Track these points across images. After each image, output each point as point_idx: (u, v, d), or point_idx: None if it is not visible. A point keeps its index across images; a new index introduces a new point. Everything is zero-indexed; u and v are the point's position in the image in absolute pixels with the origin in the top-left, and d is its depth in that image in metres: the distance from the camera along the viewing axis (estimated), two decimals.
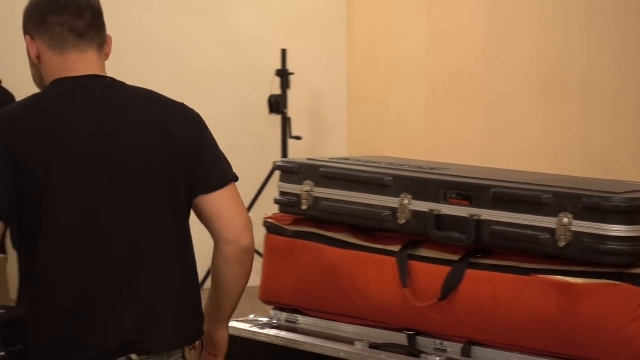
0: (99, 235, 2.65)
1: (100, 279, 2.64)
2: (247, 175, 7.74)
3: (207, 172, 2.84)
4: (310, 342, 3.11)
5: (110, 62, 7.55)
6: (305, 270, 3.23)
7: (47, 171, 2.59)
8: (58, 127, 2.66)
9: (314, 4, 8.11)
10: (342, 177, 3.15)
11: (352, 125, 8.22)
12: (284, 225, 3.31)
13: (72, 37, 2.70)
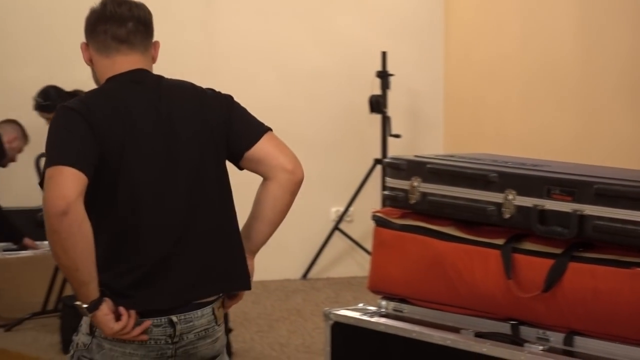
0: (161, 204, 2.92)
1: (159, 242, 2.89)
2: (349, 171, 7.84)
3: (243, 132, 3.04)
4: (418, 330, 3.11)
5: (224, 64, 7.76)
6: (412, 262, 3.22)
7: (122, 152, 2.88)
8: (126, 114, 2.93)
9: (413, 9, 8.10)
10: (449, 173, 3.15)
11: (449, 124, 8.19)
12: (392, 219, 3.31)
13: (115, 43, 2.96)
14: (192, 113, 3.03)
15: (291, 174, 3.08)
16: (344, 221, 7.94)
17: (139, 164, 2.93)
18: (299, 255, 7.97)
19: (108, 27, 2.97)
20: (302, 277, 7.96)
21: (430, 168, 3.19)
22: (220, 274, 3.00)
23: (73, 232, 2.75)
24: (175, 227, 2.94)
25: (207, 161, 3.01)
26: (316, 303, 7.14)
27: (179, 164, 2.97)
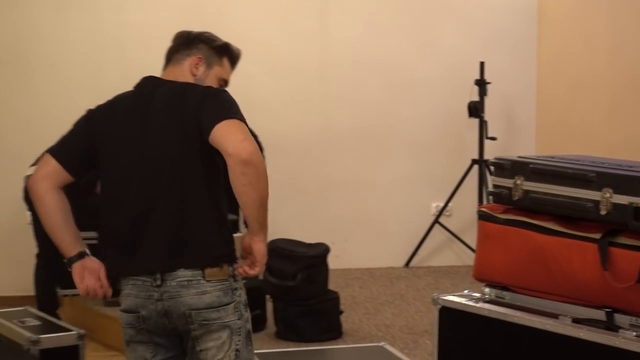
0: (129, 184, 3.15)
1: (128, 217, 3.14)
2: (448, 170, 7.84)
3: (207, 118, 3.05)
4: (519, 316, 3.10)
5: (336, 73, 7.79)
6: (514, 253, 3.21)
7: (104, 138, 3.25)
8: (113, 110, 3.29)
9: (508, 22, 8.04)
10: (550, 172, 3.12)
11: (540, 128, 8.12)
12: (496, 214, 3.30)
13: (165, 62, 3.40)
14: (168, 106, 3.16)
15: (234, 157, 2.98)
16: (443, 215, 7.93)
17: (112, 157, 3.22)
18: (402, 246, 7.96)
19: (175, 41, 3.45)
20: (405, 266, 7.95)
21: (533, 168, 3.17)
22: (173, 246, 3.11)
23: (35, 206, 3.26)
24: (140, 205, 3.14)
25: (175, 149, 3.11)
26: (417, 289, 7.14)
27: (147, 152, 3.14)
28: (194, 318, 3.05)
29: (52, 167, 3.23)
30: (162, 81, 3.29)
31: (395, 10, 7.88)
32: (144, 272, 3.08)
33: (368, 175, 7.92)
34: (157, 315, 3.08)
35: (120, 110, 3.28)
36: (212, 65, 3.33)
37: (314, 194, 7.81)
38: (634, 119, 6.70)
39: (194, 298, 3.05)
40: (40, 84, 7.35)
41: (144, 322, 3.12)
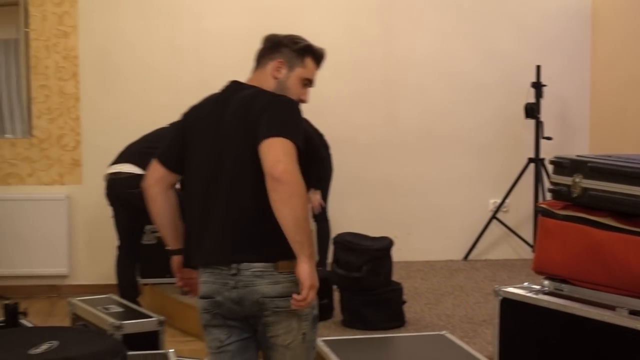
0: (203, 183, 3.24)
1: (203, 211, 3.22)
2: (505, 168, 7.79)
3: (261, 129, 3.06)
4: (577, 307, 3.07)
5: (400, 76, 7.84)
6: (572, 248, 3.18)
7: (191, 139, 3.31)
8: (202, 112, 3.35)
9: (563, 27, 7.96)
10: (608, 171, 3.08)
11: (594, 128, 8.03)
12: (555, 210, 3.27)
13: (255, 60, 3.41)
14: (236, 113, 3.20)
15: (268, 175, 3.00)
16: (500, 211, 7.85)
17: (191, 155, 3.31)
18: (461, 240, 7.92)
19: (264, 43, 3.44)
20: (464, 259, 7.90)
21: (591, 166, 3.14)
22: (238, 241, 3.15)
23: (148, 204, 3.38)
24: (210, 200, 3.21)
25: (239, 152, 3.15)
26: (476, 281, 7.09)
27: (217, 154, 3.21)
28: (267, 305, 3.09)
29: (160, 173, 3.36)
30: (244, 86, 3.32)
31: (456, 17, 7.84)
32: (221, 262, 3.14)
33: (429, 172, 7.90)
34: (231, 302, 3.14)
35: (204, 112, 3.34)
36: (294, 67, 3.31)
37: (378, 190, 7.81)
38: None
39: (267, 287, 3.08)
40: (125, 87, 7.44)
41: (219, 307, 3.18)
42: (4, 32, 7.57)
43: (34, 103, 7.40)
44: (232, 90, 3.31)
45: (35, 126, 7.42)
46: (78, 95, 7.42)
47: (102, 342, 4.10)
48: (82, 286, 7.34)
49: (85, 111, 7.44)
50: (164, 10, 7.46)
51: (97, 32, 7.42)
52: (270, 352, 3.21)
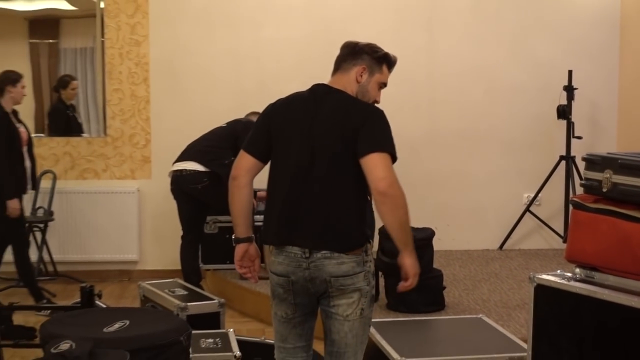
0: (289, 177, 3.32)
1: (287, 198, 3.32)
2: (539, 165, 7.71)
3: (364, 142, 3.21)
4: (607, 293, 3.01)
5: (442, 80, 7.82)
6: (603, 238, 3.12)
7: (279, 134, 3.37)
8: (291, 110, 3.42)
9: (594, 34, 7.87)
10: (637, 167, 3.02)
11: (621, 129, 7.93)
12: (587, 204, 3.21)
13: (334, 68, 3.48)
14: (332, 116, 3.30)
15: (374, 190, 3.20)
16: (534, 205, 7.79)
17: (280, 148, 3.37)
18: (497, 231, 7.86)
19: (344, 50, 3.49)
20: (499, 248, 7.84)
21: (621, 162, 3.08)
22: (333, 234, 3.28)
23: (234, 192, 3.40)
24: (297, 197, 3.30)
25: (332, 152, 3.27)
26: (510, 269, 7.03)
27: (309, 151, 3.29)
28: (333, 283, 3.24)
29: (250, 163, 3.41)
30: (332, 89, 3.40)
31: (493, 24, 7.77)
32: (298, 246, 3.27)
33: (468, 169, 7.85)
34: (304, 280, 3.28)
35: (294, 108, 3.42)
36: (374, 73, 3.43)
37: (421, 185, 7.76)
38: None
39: (334, 267, 3.23)
40: (190, 90, 7.48)
41: (292, 285, 3.31)
42: (82, 41, 7.64)
43: (109, 105, 7.47)
44: (322, 92, 3.40)
45: (110, 126, 7.49)
46: (148, 98, 7.48)
47: (169, 322, 4.12)
48: (150, 271, 7.39)
49: (154, 112, 7.50)
50: (226, 21, 7.49)
51: (165, 41, 7.46)
52: (331, 321, 3.35)
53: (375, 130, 3.29)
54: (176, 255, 6.61)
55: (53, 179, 7.35)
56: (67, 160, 7.46)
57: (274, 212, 3.38)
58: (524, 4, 7.77)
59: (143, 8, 7.41)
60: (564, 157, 7.56)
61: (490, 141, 7.85)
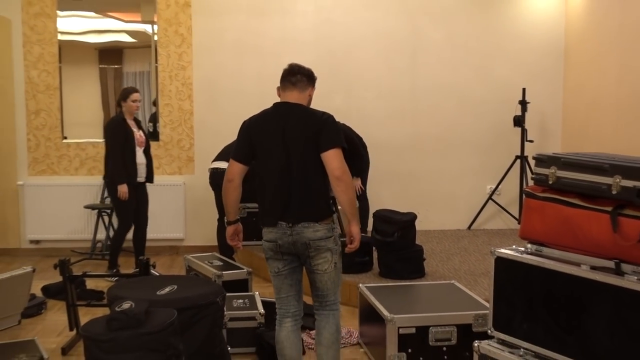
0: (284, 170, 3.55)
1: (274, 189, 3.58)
2: (499, 162, 7.70)
3: (323, 141, 3.53)
4: (552, 264, 3.00)
5: (423, 97, 7.67)
6: (549, 220, 3.10)
7: (259, 144, 3.61)
8: (267, 121, 3.63)
9: (543, 59, 7.85)
10: (576, 164, 3.01)
11: (565, 134, 7.90)
12: (537, 193, 3.20)
13: (289, 85, 3.67)
14: (297, 124, 3.56)
15: (330, 175, 3.52)
16: (495, 194, 7.79)
17: (264, 152, 3.61)
18: (466, 214, 7.86)
19: (289, 77, 3.68)
20: (468, 228, 7.83)
21: (564, 161, 3.06)
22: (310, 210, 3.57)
23: (230, 191, 3.67)
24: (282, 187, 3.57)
25: (302, 151, 3.54)
26: (476, 245, 7.02)
27: (285, 151, 3.55)
28: (312, 245, 3.55)
29: (239, 168, 3.65)
30: (292, 104, 3.64)
31: (462, 52, 7.75)
32: (284, 221, 3.56)
33: (443, 166, 7.83)
34: (288, 244, 3.57)
35: (268, 121, 3.63)
36: (312, 91, 3.77)
37: (405, 179, 7.78)
38: (635, 130, 6.44)
39: (312, 234, 3.54)
40: (224, 105, 7.49)
41: (279, 247, 3.60)
42: (140, 66, 7.64)
43: (161, 116, 7.49)
44: (285, 108, 3.64)
45: (162, 133, 7.51)
46: (192, 111, 7.49)
47: (208, 286, 4.14)
48: (193, 247, 7.43)
49: (196, 122, 7.52)
50: (253, 51, 7.50)
51: (206, 66, 7.48)
52: (314, 275, 3.65)
53: (330, 132, 3.54)
54: (213, 234, 6.63)
55: None
56: None
57: (267, 200, 3.62)
58: (486, 36, 7.75)
59: (188, 40, 7.42)
60: (519, 157, 7.54)
61: (460, 144, 7.83)
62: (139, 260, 4.83)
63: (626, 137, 6.56)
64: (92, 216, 7.32)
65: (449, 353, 4.11)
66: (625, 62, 6.62)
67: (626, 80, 6.60)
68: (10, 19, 7.29)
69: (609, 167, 2.86)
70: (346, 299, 5.60)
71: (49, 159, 7.43)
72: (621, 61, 6.68)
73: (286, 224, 3.53)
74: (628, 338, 2.70)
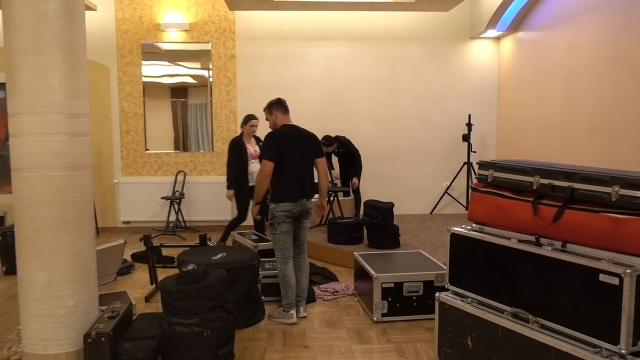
0: (298, 167, 3.94)
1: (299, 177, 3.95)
2: (452, 166, 7.62)
3: (318, 152, 4.04)
4: (491, 237, 2.97)
5: (401, 116, 7.41)
6: (488, 207, 3.08)
7: (284, 151, 3.91)
8: (286, 137, 3.93)
9: (482, 93, 7.77)
10: (507, 167, 2.98)
11: (498, 146, 7.81)
12: (479, 188, 3.17)
13: (286, 112, 4.05)
14: (307, 140, 3.98)
15: (319, 171, 4.05)
16: (449, 189, 7.72)
17: (287, 155, 3.92)
18: (428, 203, 7.77)
19: (282, 106, 4.05)
20: (430, 213, 7.76)
21: (498, 165, 3.04)
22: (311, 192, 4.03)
23: (266, 182, 3.91)
24: (299, 178, 3.94)
25: (308, 156, 3.99)
26: (437, 224, 6.94)
27: (301, 156, 3.94)
28: (306, 214, 4.04)
29: (270, 166, 3.89)
30: (295, 126, 4.02)
31: (427, 90, 7.68)
32: (299, 199, 3.97)
33: (413, 169, 7.77)
34: (297, 212, 3.97)
35: (288, 135, 3.96)
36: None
37: (386, 178, 7.73)
38: (548, 143, 6.38)
39: (308, 205, 4.03)
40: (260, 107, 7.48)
41: (292, 213, 3.96)
42: (200, 100, 7.63)
43: (214, 134, 7.47)
44: (293, 127, 4.01)
45: (215, 146, 7.49)
46: (236, 130, 7.47)
47: (248, 253, 4.13)
48: None
49: None
50: (278, 88, 7.47)
51: (245, 99, 7.45)
52: (299, 230, 4.07)
53: (319, 146, 4.04)
54: (250, 218, 6.60)
55: (184, 175, 7.37)
56: (192, 164, 7.47)
57: (290, 187, 3.92)
58: (443, 78, 7.68)
59: (233, 81, 7.40)
60: (466, 163, 7.46)
61: (425, 154, 7.76)
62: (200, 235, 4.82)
63: (542, 148, 6.50)
64: (166, 204, 7.33)
65: (417, 301, 4.10)
66: (540, 95, 6.57)
67: (541, 108, 6.55)
68: (109, 66, 7.30)
69: (530, 170, 2.84)
70: (344, 262, 5.58)
71: (136, 164, 7.44)
72: (537, 94, 6.64)
73: (299, 201, 3.93)
74: (544, 289, 2.68)
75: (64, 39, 3.11)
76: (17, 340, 3.62)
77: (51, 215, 3.14)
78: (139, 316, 3.68)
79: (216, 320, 3.24)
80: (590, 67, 5.61)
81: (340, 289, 4.73)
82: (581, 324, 2.50)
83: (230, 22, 7.34)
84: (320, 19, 7.47)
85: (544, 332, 2.64)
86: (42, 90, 3.08)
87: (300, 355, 3.49)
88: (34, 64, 3.06)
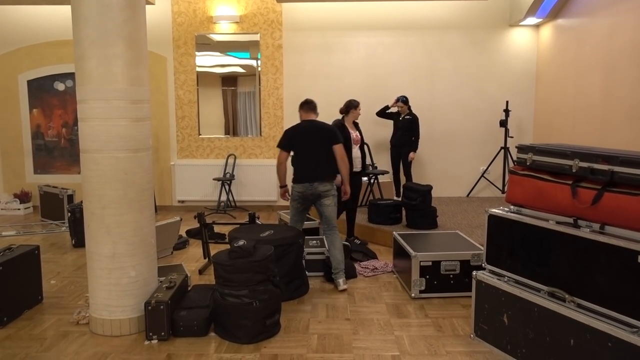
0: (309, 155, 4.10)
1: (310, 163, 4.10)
2: (489, 150, 7.43)
3: (334, 140, 4.15)
4: (528, 219, 2.89)
5: (438, 107, 7.34)
6: (527, 190, 3.00)
7: (297, 141, 4.10)
8: (301, 130, 4.12)
9: (521, 80, 7.50)
10: (547, 151, 2.88)
11: (535, 132, 7.55)
12: (518, 171, 3.08)
13: (310, 109, 4.23)
14: (321, 131, 4.12)
15: (337, 155, 4.13)
16: (486, 173, 7.54)
17: (298, 145, 4.11)
18: (466, 186, 7.61)
19: (307, 105, 4.22)
20: (467, 196, 7.60)
21: (537, 149, 2.94)
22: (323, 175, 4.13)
23: (280, 169, 4.15)
24: (313, 162, 4.09)
25: (324, 145, 4.11)
26: (473, 207, 6.79)
27: (312, 146, 4.09)
28: (322, 194, 4.13)
29: (284, 155, 4.16)
30: (312, 120, 4.17)
31: (466, 77, 7.48)
32: (311, 181, 4.10)
33: (452, 154, 7.61)
34: (310, 194, 4.13)
35: (300, 129, 4.16)
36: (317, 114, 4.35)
37: (425, 163, 7.60)
38: (585, 128, 6.12)
39: (323, 187, 4.13)
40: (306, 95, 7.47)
41: (304, 195, 4.14)
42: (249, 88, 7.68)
43: (262, 120, 7.52)
44: (309, 122, 4.16)
45: (263, 131, 7.55)
46: (282, 117, 7.49)
47: (293, 231, 4.16)
48: (283, 206, 7.46)
49: (285, 124, 7.51)
50: (324, 76, 7.43)
51: (292, 87, 7.46)
52: (323, 208, 4.17)
53: (336, 134, 4.12)
54: None
55: (234, 158, 7.47)
56: (242, 148, 7.56)
57: (301, 171, 4.10)
58: (481, 65, 7.45)
59: (280, 70, 7.41)
60: (503, 148, 7.26)
61: (463, 139, 7.59)
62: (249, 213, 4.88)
63: (580, 134, 6.25)
64: (218, 185, 7.45)
65: (454, 279, 4.05)
66: (579, 81, 6.29)
67: (580, 94, 6.28)
68: (166, 57, 7.44)
69: (570, 153, 2.74)
70: (384, 241, 5.56)
71: (190, 147, 7.59)
72: (576, 80, 6.36)
73: (310, 184, 4.09)
74: (581, 270, 2.59)
75: (127, 31, 3.17)
76: (86, 306, 3.79)
77: (116, 193, 3.24)
78: (194, 287, 3.77)
79: (264, 292, 3.29)
80: (631, 53, 5.32)
81: (380, 267, 4.72)
82: (619, 304, 2.41)
83: (278, 14, 7.32)
84: (362, 10, 7.36)
85: (580, 310, 2.56)
86: (107, 78, 3.17)
87: (341, 327, 3.51)
88: (100, 54, 3.14)
